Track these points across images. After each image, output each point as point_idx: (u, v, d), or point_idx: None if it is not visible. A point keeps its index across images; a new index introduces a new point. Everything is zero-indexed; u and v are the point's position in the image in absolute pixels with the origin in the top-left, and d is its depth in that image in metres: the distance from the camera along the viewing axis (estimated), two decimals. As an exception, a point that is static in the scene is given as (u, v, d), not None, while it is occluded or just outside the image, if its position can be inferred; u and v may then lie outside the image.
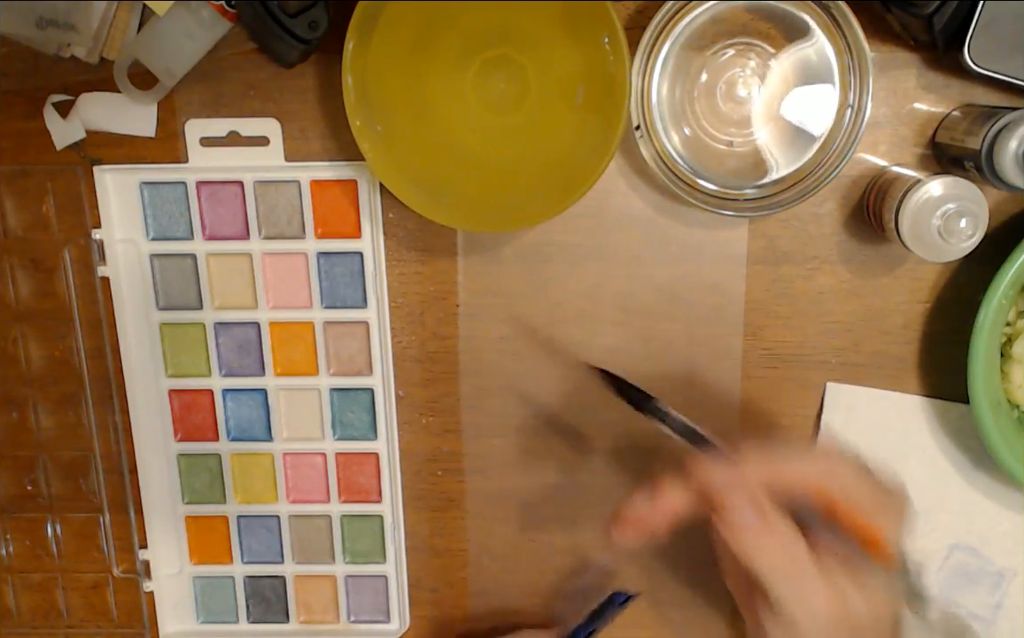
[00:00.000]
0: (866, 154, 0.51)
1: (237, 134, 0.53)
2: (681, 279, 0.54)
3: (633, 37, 0.47)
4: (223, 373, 0.57)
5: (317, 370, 0.56)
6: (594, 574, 0.56)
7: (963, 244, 0.46)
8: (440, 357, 0.56)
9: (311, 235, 0.54)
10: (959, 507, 0.55)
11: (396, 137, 0.48)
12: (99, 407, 0.57)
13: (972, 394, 0.49)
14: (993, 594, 0.57)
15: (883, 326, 0.53)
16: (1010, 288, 0.48)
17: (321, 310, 0.55)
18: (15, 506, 0.60)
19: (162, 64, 0.49)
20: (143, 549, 0.59)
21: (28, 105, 0.53)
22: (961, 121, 0.48)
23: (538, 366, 0.55)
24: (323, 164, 0.53)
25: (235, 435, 0.58)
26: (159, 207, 0.54)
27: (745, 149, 0.49)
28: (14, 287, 0.56)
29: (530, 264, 0.54)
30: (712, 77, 0.49)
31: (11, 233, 0.55)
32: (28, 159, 0.54)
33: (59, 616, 0.61)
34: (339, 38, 0.46)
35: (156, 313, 0.56)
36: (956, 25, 0.45)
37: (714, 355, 0.54)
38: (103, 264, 0.55)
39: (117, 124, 0.53)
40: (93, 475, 0.59)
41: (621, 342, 0.55)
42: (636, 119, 0.48)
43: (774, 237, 0.53)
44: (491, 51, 0.49)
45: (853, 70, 0.47)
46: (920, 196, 0.46)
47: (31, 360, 0.57)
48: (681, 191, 0.49)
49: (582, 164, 0.47)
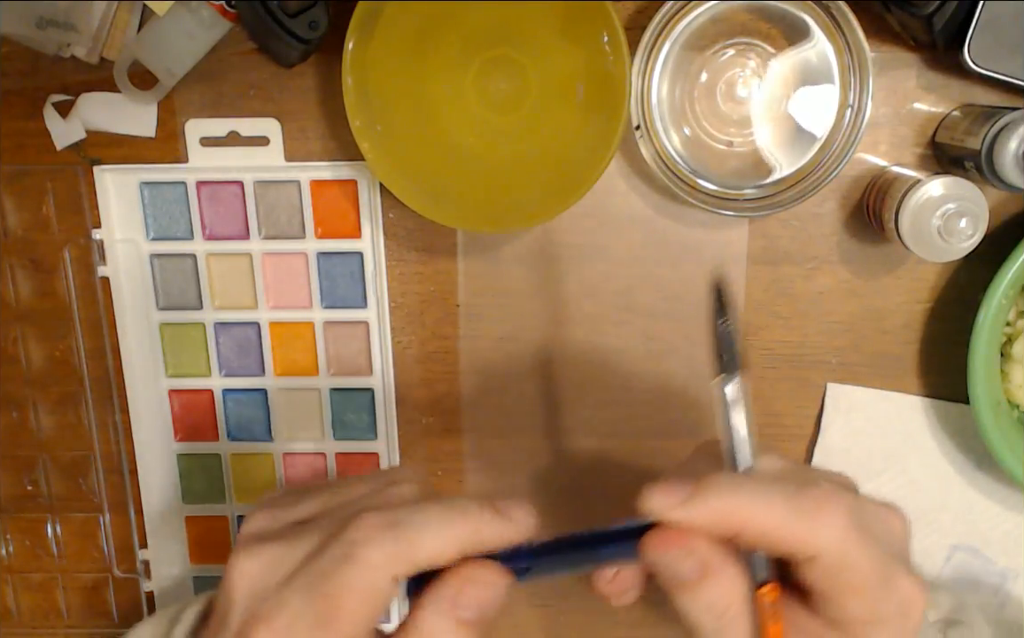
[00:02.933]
0: (866, 154, 0.51)
1: (237, 134, 0.53)
2: (681, 279, 0.54)
3: (633, 37, 0.47)
4: (223, 373, 0.57)
5: (317, 370, 0.56)
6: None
7: (963, 244, 0.46)
8: (440, 357, 0.56)
9: (311, 235, 0.54)
10: (960, 508, 0.55)
11: (396, 137, 0.48)
12: (99, 407, 0.57)
13: (972, 394, 0.49)
14: (995, 595, 0.56)
15: (883, 326, 0.53)
16: (1010, 288, 0.48)
17: (321, 310, 0.55)
18: (15, 506, 0.60)
19: (162, 64, 0.49)
20: (143, 549, 0.59)
21: (28, 105, 0.53)
22: (961, 121, 0.48)
23: (538, 366, 0.55)
24: (323, 164, 0.53)
25: (235, 435, 0.58)
26: (159, 207, 0.54)
27: (745, 149, 0.49)
28: (14, 287, 0.56)
29: (530, 264, 0.54)
30: (712, 77, 0.49)
31: (11, 233, 0.55)
32: (28, 159, 0.54)
33: (59, 616, 0.61)
34: (339, 38, 0.46)
35: (156, 313, 0.56)
36: (956, 25, 0.45)
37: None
38: (103, 264, 0.55)
39: (117, 124, 0.53)
40: (93, 475, 0.59)
41: (622, 342, 0.55)
42: (636, 119, 0.48)
43: (774, 237, 0.53)
44: (491, 51, 0.49)
45: (853, 70, 0.47)
46: (920, 196, 0.46)
47: (31, 360, 0.57)
48: (681, 191, 0.49)
49: (582, 164, 0.47)
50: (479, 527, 0.34)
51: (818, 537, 0.31)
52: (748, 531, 0.32)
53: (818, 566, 0.32)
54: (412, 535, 0.33)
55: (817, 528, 0.31)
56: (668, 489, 0.32)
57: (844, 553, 0.32)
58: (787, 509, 0.32)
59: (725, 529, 0.32)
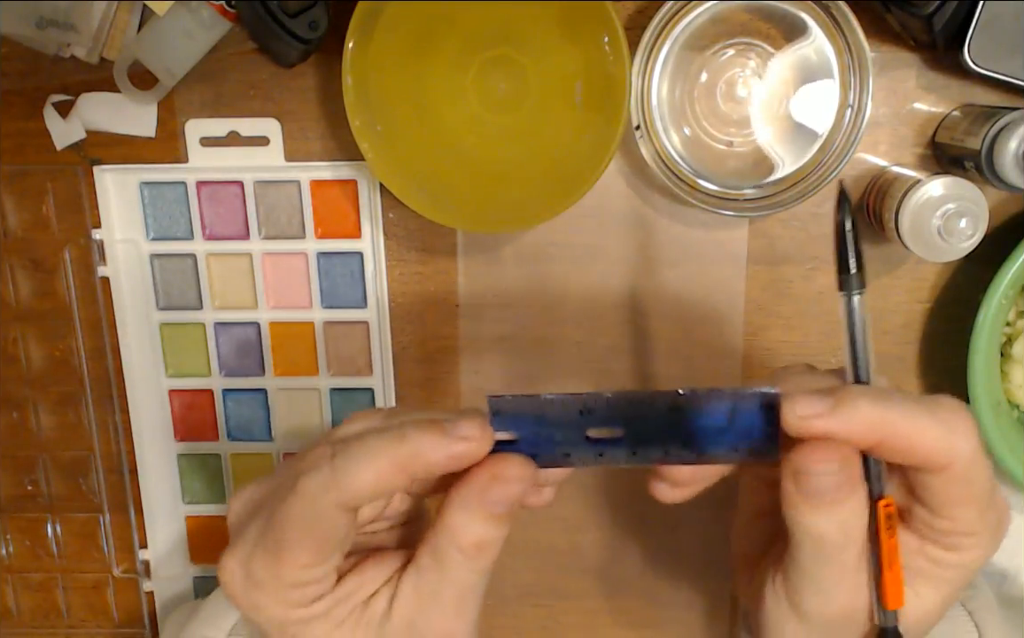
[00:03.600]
0: (866, 154, 0.51)
1: (237, 134, 0.53)
2: (681, 279, 0.54)
3: (633, 37, 0.47)
4: (223, 373, 0.57)
5: (317, 370, 0.56)
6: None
7: (963, 244, 0.46)
8: (440, 357, 0.56)
9: (311, 235, 0.54)
10: (959, 507, 0.55)
11: (396, 137, 0.48)
12: (99, 407, 0.57)
13: (972, 394, 0.49)
14: (994, 595, 0.56)
15: (883, 326, 0.53)
16: (1010, 288, 0.48)
17: (321, 310, 0.55)
18: (15, 506, 0.60)
19: (162, 64, 0.49)
20: (143, 549, 0.59)
21: (28, 105, 0.53)
22: (961, 121, 0.48)
23: (538, 366, 0.55)
24: (323, 164, 0.53)
25: (235, 435, 0.58)
26: (159, 207, 0.54)
27: (745, 149, 0.49)
28: (14, 287, 0.56)
29: (530, 264, 0.54)
30: (712, 77, 0.49)
31: (11, 233, 0.55)
32: (28, 159, 0.54)
33: (59, 616, 0.61)
34: (339, 38, 0.46)
35: (156, 313, 0.56)
36: (956, 25, 0.45)
37: (714, 355, 0.54)
38: (103, 264, 0.55)
39: (117, 124, 0.53)
40: (93, 475, 0.59)
41: (621, 342, 0.55)
42: (636, 119, 0.48)
43: (774, 237, 0.53)
44: (491, 51, 0.49)
45: (853, 70, 0.47)
46: (920, 196, 0.46)
47: (31, 360, 0.57)
48: (681, 191, 0.49)
49: (582, 164, 0.47)
50: (418, 450, 0.32)
51: (954, 446, 0.32)
52: (891, 440, 0.32)
53: (946, 475, 0.32)
54: (348, 464, 0.32)
55: (955, 438, 0.32)
56: (811, 399, 0.32)
57: (972, 463, 0.32)
58: (929, 418, 0.32)
59: (872, 438, 0.32)
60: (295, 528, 0.33)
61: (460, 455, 0.33)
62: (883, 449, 0.32)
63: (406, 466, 0.33)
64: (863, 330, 0.34)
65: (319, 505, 0.33)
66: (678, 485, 0.36)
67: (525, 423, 0.33)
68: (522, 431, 0.33)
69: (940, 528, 0.34)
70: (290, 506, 0.33)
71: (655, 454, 0.33)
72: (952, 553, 0.34)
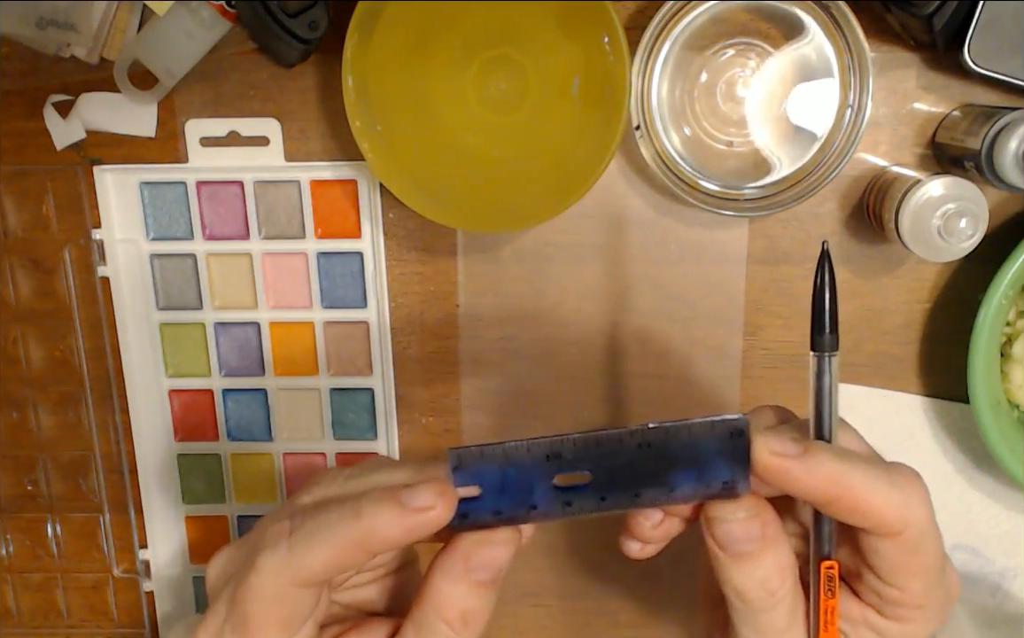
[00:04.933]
0: (866, 154, 0.51)
1: (237, 134, 0.53)
2: (681, 279, 0.54)
3: (633, 37, 0.47)
4: (223, 373, 0.57)
5: (317, 370, 0.56)
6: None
7: (963, 244, 0.46)
8: (440, 357, 0.56)
9: (311, 235, 0.54)
10: (959, 507, 0.55)
11: (396, 137, 0.48)
12: (99, 407, 0.57)
13: (972, 394, 0.49)
14: (994, 595, 0.56)
15: (883, 326, 0.53)
16: (1010, 288, 0.48)
17: (321, 310, 0.55)
18: (15, 506, 0.60)
19: (162, 64, 0.49)
20: (143, 549, 0.59)
21: (28, 105, 0.53)
22: (961, 121, 0.48)
23: (538, 366, 0.55)
24: (323, 164, 0.53)
25: (235, 435, 0.58)
26: (159, 207, 0.54)
27: (745, 149, 0.49)
28: (14, 287, 0.56)
29: (530, 264, 0.54)
30: (712, 77, 0.49)
31: (11, 233, 0.55)
32: (28, 159, 0.54)
33: (59, 616, 0.61)
34: (339, 38, 0.46)
35: (156, 313, 0.56)
36: (956, 25, 0.45)
37: (714, 355, 0.54)
38: (103, 264, 0.55)
39: (117, 124, 0.53)
40: (93, 475, 0.59)
41: (621, 342, 0.55)
42: (636, 119, 0.48)
43: (774, 237, 0.53)
44: (491, 51, 0.49)
45: (853, 70, 0.47)
46: (920, 196, 0.46)
47: (31, 360, 0.57)
48: (681, 191, 0.49)
49: (582, 164, 0.47)
50: (373, 528, 0.31)
51: (908, 512, 0.32)
52: (847, 499, 0.32)
53: (898, 541, 0.32)
54: (303, 544, 0.31)
55: (909, 504, 0.32)
56: (785, 440, 0.32)
57: (924, 532, 0.32)
58: (886, 483, 0.32)
59: (829, 494, 0.32)
60: (257, 605, 0.32)
61: (418, 527, 0.31)
62: (838, 506, 0.32)
63: (362, 544, 0.31)
64: (830, 391, 0.34)
65: (278, 584, 0.32)
66: (648, 542, 0.36)
67: (489, 474, 0.31)
68: (486, 482, 0.32)
69: (888, 597, 0.33)
70: (251, 583, 0.32)
71: (625, 498, 0.32)
72: (897, 624, 0.34)
